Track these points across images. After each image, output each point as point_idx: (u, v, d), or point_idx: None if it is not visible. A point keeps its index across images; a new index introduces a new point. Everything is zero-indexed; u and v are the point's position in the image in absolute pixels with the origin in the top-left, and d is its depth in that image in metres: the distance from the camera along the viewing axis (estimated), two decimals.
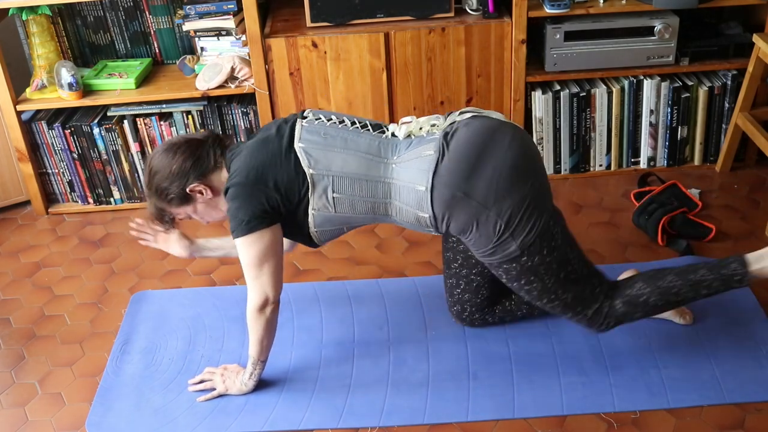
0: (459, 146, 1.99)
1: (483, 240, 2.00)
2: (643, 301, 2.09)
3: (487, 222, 1.97)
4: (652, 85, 3.06)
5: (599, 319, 2.11)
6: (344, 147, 2.03)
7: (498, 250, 2.00)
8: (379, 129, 2.10)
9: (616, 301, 2.10)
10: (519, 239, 1.98)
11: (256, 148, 2.05)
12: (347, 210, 2.05)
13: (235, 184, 2.01)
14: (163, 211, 2.17)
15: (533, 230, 1.98)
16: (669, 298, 2.09)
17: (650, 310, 2.11)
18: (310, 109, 2.16)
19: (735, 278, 2.06)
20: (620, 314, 2.11)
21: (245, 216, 2.00)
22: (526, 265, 2.02)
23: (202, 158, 2.09)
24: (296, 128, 2.06)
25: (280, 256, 2.07)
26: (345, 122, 2.10)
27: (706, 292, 2.08)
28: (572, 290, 2.07)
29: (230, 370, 2.26)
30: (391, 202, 2.05)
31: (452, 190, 1.96)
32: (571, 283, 2.06)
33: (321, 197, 2.03)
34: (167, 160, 2.09)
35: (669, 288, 2.08)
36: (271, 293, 2.07)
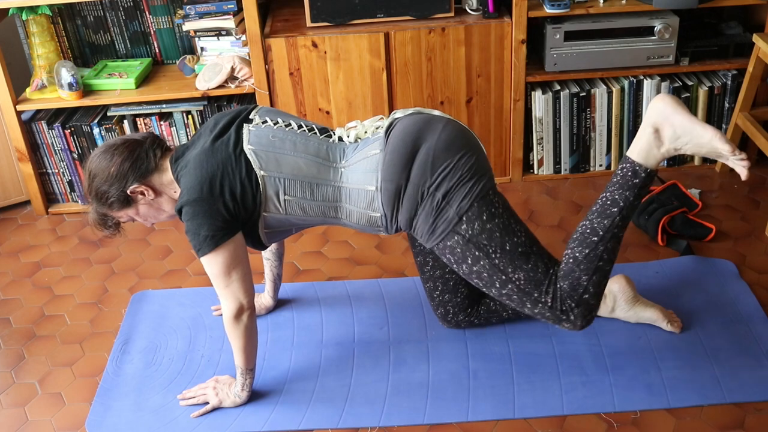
0: (395, 140, 2.00)
1: (425, 218, 1.99)
2: (572, 262, 2.00)
3: (426, 200, 1.98)
4: (652, 85, 3.06)
5: (558, 306, 2.01)
6: (293, 150, 2.02)
7: (438, 222, 1.98)
8: (325, 133, 2.10)
9: (559, 281, 2.01)
10: (456, 204, 1.96)
11: (204, 157, 2.00)
12: (298, 212, 2.05)
13: (191, 202, 1.97)
14: (105, 216, 2.11)
15: (469, 194, 1.96)
16: (588, 239, 1.99)
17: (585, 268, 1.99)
18: (257, 110, 2.12)
19: (628, 175, 1.96)
20: (568, 291, 2.00)
21: (208, 232, 1.97)
22: (467, 235, 1.97)
23: (141, 159, 2.04)
24: (243, 133, 2.03)
25: (246, 261, 2.06)
26: (292, 126, 2.08)
27: (615, 209, 1.98)
28: (522, 268, 1.99)
29: (222, 383, 2.23)
30: (342, 205, 2.05)
31: (395, 183, 1.98)
32: (520, 257, 1.98)
33: (272, 200, 2.02)
34: (105, 162, 2.03)
35: (583, 232, 2.01)
36: (245, 299, 2.06)
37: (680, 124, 1.90)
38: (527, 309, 2.05)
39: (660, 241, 2.76)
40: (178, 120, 3.11)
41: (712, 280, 2.56)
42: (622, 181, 1.98)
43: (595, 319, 2.39)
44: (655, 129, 1.93)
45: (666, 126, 1.92)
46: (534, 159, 3.21)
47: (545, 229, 2.91)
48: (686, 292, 2.51)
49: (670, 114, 1.91)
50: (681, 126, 1.91)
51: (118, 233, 2.19)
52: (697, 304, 2.45)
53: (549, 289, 2.01)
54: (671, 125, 1.91)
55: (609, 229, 1.99)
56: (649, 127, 1.93)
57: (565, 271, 2.01)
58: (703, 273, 2.60)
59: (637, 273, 2.55)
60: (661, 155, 1.96)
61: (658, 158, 1.96)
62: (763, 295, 2.49)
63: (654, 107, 1.93)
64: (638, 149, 1.96)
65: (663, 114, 1.92)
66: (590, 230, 2.00)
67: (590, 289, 2.01)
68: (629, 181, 1.97)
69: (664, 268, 2.63)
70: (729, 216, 2.91)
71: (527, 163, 3.24)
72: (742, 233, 2.81)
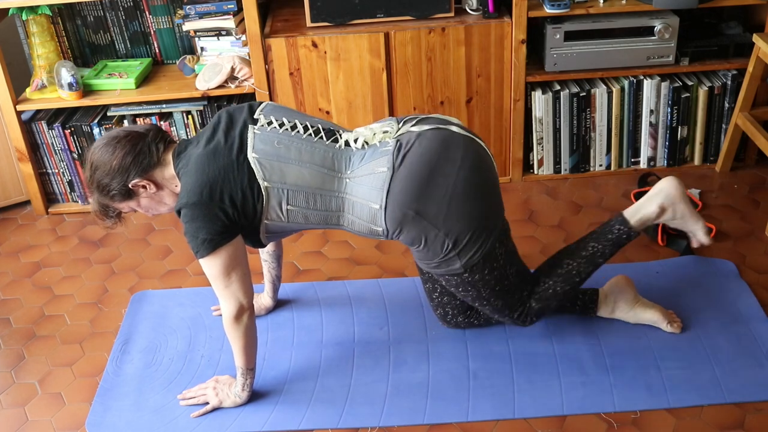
0: (411, 164, 1.99)
1: (429, 254, 2.05)
2: (552, 292, 2.20)
3: (436, 240, 2.01)
4: (652, 85, 3.06)
5: (522, 318, 2.24)
6: (298, 159, 2.01)
7: (443, 265, 2.06)
8: (332, 137, 2.07)
9: (531, 301, 2.22)
10: (464, 259, 2.04)
11: (206, 160, 1.98)
12: (300, 220, 2.06)
13: (190, 205, 1.96)
14: (107, 207, 2.11)
15: (479, 252, 2.04)
16: (572, 280, 2.20)
17: (561, 297, 2.22)
18: (263, 108, 2.10)
19: (623, 237, 2.20)
20: (537, 310, 2.23)
21: (207, 235, 1.96)
22: (467, 281, 2.10)
23: (144, 153, 2.03)
24: (248, 137, 2.01)
25: (245, 261, 2.06)
26: (298, 128, 2.05)
27: (602, 260, 2.21)
28: (503, 298, 2.17)
29: (222, 383, 2.23)
30: (344, 215, 2.06)
31: (404, 209, 1.98)
32: (504, 293, 2.16)
33: (275, 209, 2.02)
34: (107, 155, 2.02)
35: (569, 272, 2.20)
36: (244, 299, 2.06)
37: (681, 213, 2.18)
38: (494, 317, 2.28)
39: (660, 241, 2.76)
40: (178, 120, 3.11)
41: (712, 280, 2.56)
42: (616, 240, 2.20)
43: (595, 319, 2.40)
44: (662, 209, 2.17)
45: (670, 210, 2.17)
46: (534, 159, 3.21)
47: (545, 229, 2.91)
48: (686, 292, 2.51)
49: (677, 203, 2.17)
50: (681, 214, 2.18)
51: (120, 223, 2.19)
52: (697, 304, 2.45)
53: (519, 308, 2.22)
54: (674, 211, 2.17)
55: (590, 273, 2.23)
56: (656, 206, 2.17)
57: (542, 296, 2.21)
58: (703, 273, 2.60)
59: (637, 273, 2.55)
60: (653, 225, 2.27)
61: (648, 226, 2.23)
62: (763, 295, 2.49)
63: (666, 189, 2.17)
64: (639, 218, 2.18)
65: (672, 200, 2.17)
66: (576, 272, 2.20)
67: (552, 307, 2.25)
68: (622, 241, 2.20)
69: (664, 268, 2.63)
70: (729, 216, 2.91)
71: (527, 163, 3.24)
72: (742, 233, 2.81)
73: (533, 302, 2.21)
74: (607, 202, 3.04)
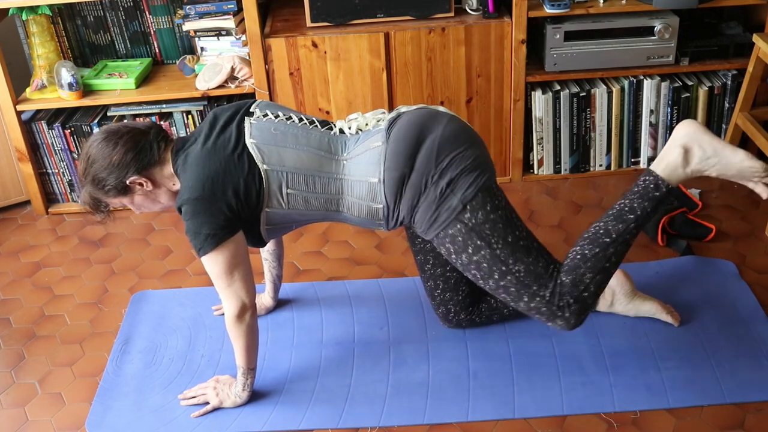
0: (400, 130, 2.02)
1: (427, 206, 1.99)
2: (580, 257, 2.01)
3: (430, 188, 1.98)
4: (652, 85, 3.06)
5: (557, 300, 2.00)
6: (295, 143, 2.03)
7: (441, 210, 1.98)
8: (326, 125, 2.10)
9: (561, 275, 2.01)
10: (460, 193, 1.97)
11: (206, 155, 1.99)
12: (301, 206, 2.05)
13: (192, 200, 1.96)
14: (98, 201, 2.09)
15: (474, 184, 1.97)
16: (600, 240, 2.01)
17: (592, 267, 2.00)
18: (257, 104, 2.12)
19: (650, 186, 2.00)
20: (570, 287, 2.00)
21: (210, 230, 1.96)
22: (470, 224, 1.96)
23: (145, 151, 2.02)
24: (245, 127, 2.03)
25: (247, 259, 2.06)
26: (293, 119, 2.08)
27: (631, 216, 2.00)
28: (523, 261, 1.98)
29: (222, 382, 2.23)
30: (344, 197, 2.05)
31: (400, 171, 1.99)
32: (521, 250, 1.98)
33: (275, 194, 2.02)
34: (107, 150, 2.00)
35: (596, 232, 2.03)
36: (247, 298, 2.06)
37: (711, 146, 1.95)
38: (523, 303, 2.03)
39: (660, 241, 2.76)
40: (178, 120, 3.11)
41: (712, 280, 2.56)
42: (643, 191, 2.00)
43: (595, 317, 2.40)
44: (685, 149, 1.96)
45: (695, 147, 1.96)
46: (534, 159, 3.21)
47: (545, 229, 2.91)
48: (686, 292, 2.51)
49: (700, 136, 1.96)
50: (712, 147, 1.95)
51: (109, 218, 2.17)
52: (697, 305, 2.45)
53: (549, 283, 2.00)
54: (701, 146, 1.96)
55: (622, 234, 2.01)
56: (678, 147, 1.97)
57: (570, 266, 2.01)
58: (703, 273, 2.60)
59: (637, 273, 2.55)
60: (686, 175, 1.99)
61: (681, 177, 2.00)
62: (763, 295, 2.49)
63: (682, 128, 1.98)
64: (665, 165, 1.99)
65: (692, 136, 1.96)
66: (604, 231, 2.01)
67: (591, 287, 2.01)
68: (650, 192, 2.00)
69: (664, 268, 2.63)
70: (729, 216, 2.91)
71: (527, 163, 3.24)
72: (742, 233, 2.81)
73: (563, 276, 2.00)
74: (607, 202, 3.04)
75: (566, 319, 2.02)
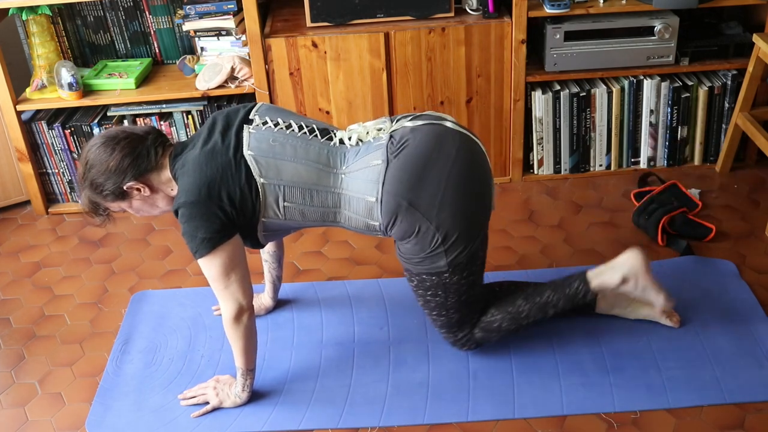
0: (406, 156, 2.00)
1: (417, 249, 2.04)
2: (497, 326, 2.21)
3: (426, 233, 2.01)
4: (652, 85, 3.06)
5: (462, 341, 2.25)
6: (294, 156, 2.02)
7: (427, 261, 2.05)
8: (326, 135, 2.09)
9: (476, 329, 2.22)
10: (450, 257, 2.04)
11: (204, 161, 1.99)
12: (297, 218, 2.06)
13: (188, 204, 1.96)
14: (97, 205, 2.09)
15: (465, 251, 2.04)
16: (520, 322, 2.21)
17: (504, 333, 2.23)
18: (257, 109, 2.11)
19: (579, 295, 2.19)
20: (479, 339, 2.24)
21: (206, 234, 1.96)
22: (443, 282, 2.09)
23: (142, 156, 2.02)
24: (243, 136, 2.02)
25: (244, 261, 2.06)
26: (292, 127, 2.07)
27: (553, 311, 2.21)
28: (462, 312, 2.17)
29: (222, 382, 2.23)
30: (341, 211, 2.06)
31: (397, 199, 1.99)
32: (465, 305, 2.16)
33: (272, 206, 2.02)
34: (105, 155, 2.00)
35: (519, 312, 2.20)
36: (244, 300, 2.06)
37: (643, 284, 2.17)
38: (437, 328, 2.26)
39: (660, 241, 2.76)
40: (178, 120, 3.11)
41: (712, 280, 2.56)
42: (573, 295, 2.19)
43: (595, 317, 2.40)
44: (624, 279, 2.16)
45: (632, 281, 2.16)
46: (534, 159, 3.21)
47: (545, 229, 2.90)
48: (686, 292, 2.50)
49: (641, 274, 2.16)
50: (643, 286, 2.17)
51: (109, 221, 2.17)
52: (697, 305, 2.45)
53: (466, 329, 2.22)
54: (636, 283, 2.16)
55: (538, 320, 2.23)
56: (619, 274, 2.16)
57: (485, 327, 2.22)
58: (703, 273, 2.60)
59: None
60: (610, 294, 2.28)
61: (606, 294, 2.27)
62: (763, 295, 2.49)
63: (631, 260, 2.16)
64: (600, 281, 2.17)
65: (636, 271, 2.16)
66: (525, 315, 2.21)
67: (492, 340, 2.26)
68: (578, 299, 2.20)
69: (664, 268, 2.63)
70: (729, 216, 2.91)
71: (527, 163, 3.24)
72: (742, 233, 2.81)
73: (477, 330, 2.22)
74: (607, 202, 3.04)
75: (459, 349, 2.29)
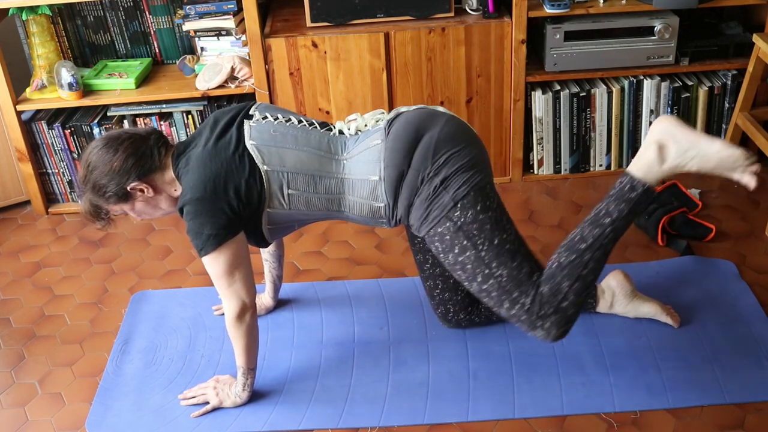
0: (398, 129, 2.02)
1: (420, 204, 1.99)
2: (556, 266, 1.96)
3: (425, 184, 1.98)
4: (652, 85, 3.06)
5: (536, 309, 1.96)
6: (295, 144, 2.03)
7: (432, 207, 1.97)
8: (325, 127, 2.11)
9: (540, 285, 1.97)
10: (452, 190, 1.96)
11: (208, 157, 1.99)
12: (302, 206, 2.05)
13: (194, 201, 1.96)
14: (99, 208, 2.09)
15: (467, 183, 1.97)
16: (577, 249, 1.95)
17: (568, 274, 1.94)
18: (257, 106, 2.12)
19: (625, 188, 1.93)
20: (548, 296, 1.95)
21: (212, 230, 1.96)
22: (458, 222, 1.95)
23: (146, 156, 2.02)
24: (244, 129, 2.04)
25: (248, 260, 2.06)
26: (292, 120, 2.09)
27: (607, 219, 1.93)
28: (506, 265, 1.96)
29: (222, 382, 2.23)
30: (345, 197, 2.05)
31: (398, 168, 1.99)
32: (506, 254, 1.96)
33: (276, 195, 2.02)
34: (107, 156, 2.00)
35: (572, 239, 1.97)
36: (247, 298, 2.06)
37: (686, 139, 1.89)
38: (504, 310, 2.00)
39: (660, 241, 2.76)
40: (178, 120, 3.11)
41: (712, 280, 2.56)
42: (618, 193, 1.95)
43: (595, 317, 2.39)
44: (660, 146, 1.90)
45: (671, 142, 1.90)
46: (534, 159, 3.21)
47: (545, 229, 2.91)
48: (686, 292, 2.51)
49: (674, 130, 1.90)
50: (687, 140, 1.89)
51: (110, 225, 2.17)
52: (698, 305, 2.45)
53: (530, 291, 1.97)
54: (676, 141, 1.89)
55: (598, 239, 1.95)
56: (653, 144, 1.91)
57: (547, 275, 1.97)
58: (703, 273, 2.60)
59: (637, 273, 2.55)
60: (663, 172, 1.93)
61: (658, 175, 1.93)
62: (763, 295, 2.49)
63: (658, 126, 1.92)
64: (639, 164, 1.93)
65: (667, 131, 1.90)
66: (579, 237, 1.96)
67: (570, 296, 1.96)
68: (626, 194, 1.94)
69: (664, 268, 2.63)
70: (729, 216, 2.91)
71: (527, 163, 3.24)
72: (742, 233, 2.81)
73: (542, 285, 1.96)
74: None
75: (546, 330, 1.98)
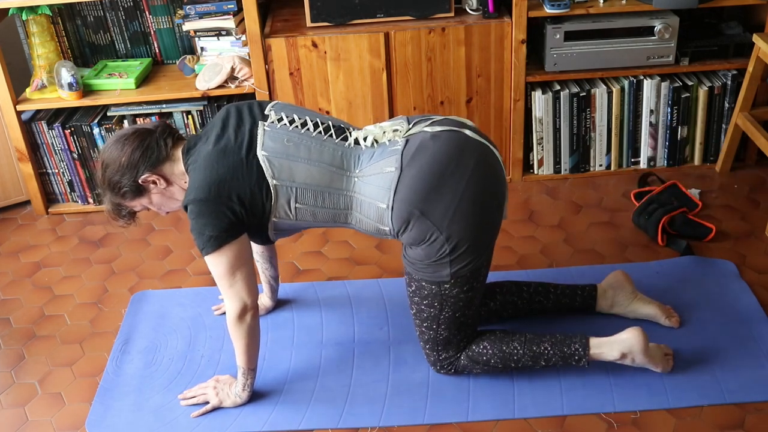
0: (422, 164, 1.98)
1: (423, 255, 2.02)
2: (485, 360, 2.17)
3: (435, 242, 1.99)
4: (652, 85, 3.06)
5: (445, 364, 2.20)
6: (308, 157, 2.01)
7: (431, 268, 2.03)
8: (342, 134, 2.07)
9: (462, 355, 2.18)
10: (455, 268, 2.02)
11: (216, 158, 1.99)
12: (308, 218, 2.06)
13: (197, 201, 1.97)
14: (119, 206, 2.12)
15: (470, 265, 2.02)
16: (508, 363, 2.17)
17: (489, 369, 2.19)
18: (273, 105, 2.10)
19: (574, 358, 2.15)
20: (461, 366, 2.19)
21: (213, 231, 1.97)
22: (442, 293, 2.06)
23: (152, 148, 2.04)
24: (258, 133, 2.02)
25: (251, 260, 2.06)
26: (308, 125, 2.05)
27: (544, 364, 2.16)
28: (451, 331, 2.13)
29: (222, 382, 2.23)
30: (352, 213, 2.06)
31: (410, 208, 1.98)
32: (457, 326, 2.13)
33: (283, 207, 2.02)
34: (117, 152, 2.04)
35: (511, 354, 2.16)
36: (248, 299, 2.06)
37: (640, 361, 2.16)
38: (422, 343, 2.21)
39: (660, 241, 2.76)
40: (178, 120, 3.11)
41: (712, 280, 2.56)
42: (568, 357, 2.15)
43: (595, 317, 2.40)
44: (622, 355, 2.14)
45: (629, 358, 2.15)
46: (534, 159, 3.21)
47: (545, 229, 2.91)
48: (686, 292, 2.51)
49: (640, 351, 2.14)
50: (640, 365, 2.17)
51: (133, 223, 2.20)
52: (698, 304, 2.45)
53: (451, 351, 2.18)
54: (633, 360, 2.15)
55: (527, 367, 2.19)
56: (619, 352, 2.14)
57: (473, 356, 2.17)
58: (703, 273, 2.60)
59: (637, 273, 2.55)
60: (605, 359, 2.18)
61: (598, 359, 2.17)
62: (763, 295, 2.49)
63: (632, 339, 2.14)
64: (599, 354, 2.15)
65: (635, 349, 2.14)
66: (516, 359, 2.16)
67: (474, 372, 2.21)
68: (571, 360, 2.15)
69: (664, 268, 2.63)
70: (729, 216, 2.91)
71: (527, 163, 3.24)
72: (742, 233, 2.81)
73: (463, 357, 2.18)
74: (607, 202, 3.04)
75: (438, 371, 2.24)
